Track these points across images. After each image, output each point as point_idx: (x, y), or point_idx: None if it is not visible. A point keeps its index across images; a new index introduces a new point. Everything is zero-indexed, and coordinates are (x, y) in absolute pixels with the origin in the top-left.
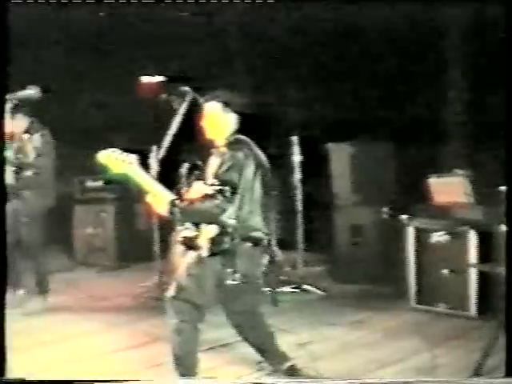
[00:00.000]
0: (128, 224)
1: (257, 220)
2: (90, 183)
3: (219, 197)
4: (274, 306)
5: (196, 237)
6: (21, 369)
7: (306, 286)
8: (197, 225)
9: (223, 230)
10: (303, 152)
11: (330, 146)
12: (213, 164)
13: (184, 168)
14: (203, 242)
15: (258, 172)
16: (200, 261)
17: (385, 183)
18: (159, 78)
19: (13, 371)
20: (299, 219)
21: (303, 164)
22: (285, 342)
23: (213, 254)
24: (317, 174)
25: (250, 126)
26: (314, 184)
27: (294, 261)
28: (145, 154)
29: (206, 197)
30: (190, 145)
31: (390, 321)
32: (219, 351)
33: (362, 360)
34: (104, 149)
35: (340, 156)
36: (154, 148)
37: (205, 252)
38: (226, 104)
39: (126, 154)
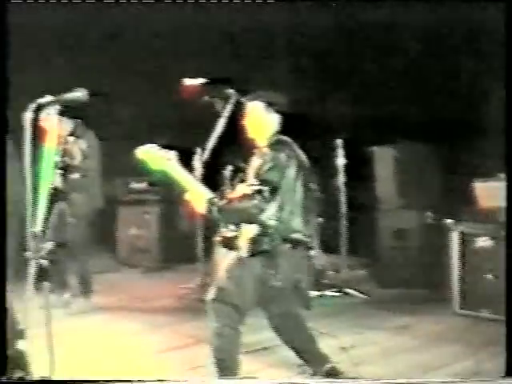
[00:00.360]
0: (171, 225)
1: (297, 222)
2: (134, 185)
3: (258, 197)
4: (306, 309)
5: (236, 237)
6: (66, 369)
7: (348, 290)
8: (237, 225)
9: (263, 231)
10: (347, 155)
11: (375, 149)
12: (254, 164)
13: (227, 170)
14: (243, 243)
15: (300, 174)
16: (240, 261)
17: (429, 187)
18: (201, 80)
19: (58, 371)
20: (343, 223)
21: (347, 167)
22: (326, 345)
23: (252, 254)
24: (360, 178)
25: (293, 127)
26: (357, 187)
27: (337, 264)
28: (189, 156)
29: (245, 196)
30: (234, 147)
31: (434, 325)
32: (260, 354)
33: (404, 365)
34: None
35: (384, 159)
36: (198, 150)
37: (244, 252)
38: (269, 104)
39: (164, 150)
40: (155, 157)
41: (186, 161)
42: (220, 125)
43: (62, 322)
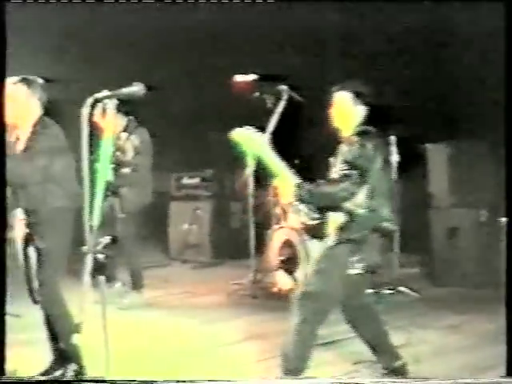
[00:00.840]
0: (223, 221)
1: (386, 210)
2: (186, 180)
3: (346, 181)
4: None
5: (321, 225)
6: (120, 363)
7: (401, 288)
8: (324, 212)
9: (352, 218)
10: (400, 152)
11: (428, 146)
12: (342, 151)
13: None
14: (331, 230)
15: (385, 165)
16: (327, 250)
17: (483, 184)
18: (253, 76)
19: (113, 366)
20: (395, 220)
21: (400, 164)
22: None
23: (340, 242)
24: (414, 175)
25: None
26: (410, 185)
27: (389, 262)
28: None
29: (333, 181)
30: (287, 143)
31: (487, 325)
32: (327, 348)
33: (457, 364)
34: (202, 146)
35: (437, 156)
36: None
37: (332, 240)
38: (357, 95)
39: (259, 133)
40: (250, 139)
41: (239, 157)
42: (273, 121)
43: (115, 317)
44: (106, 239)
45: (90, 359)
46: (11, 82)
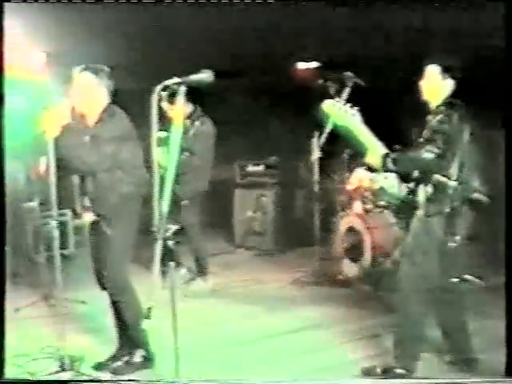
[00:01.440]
0: (288, 209)
1: (477, 181)
2: (251, 168)
3: (430, 144)
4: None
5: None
6: (186, 349)
7: (466, 276)
8: (413, 186)
9: (443, 190)
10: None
11: None
12: (428, 121)
13: (345, 155)
14: (422, 204)
15: (472, 137)
16: (422, 223)
17: None
18: (315, 64)
19: (180, 352)
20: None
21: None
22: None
23: (431, 215)
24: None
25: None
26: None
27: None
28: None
29: (418, 146)
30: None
31: None
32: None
33: None
34: (266, 138)
35: None
36: (316, 134)
37: (422, 214)
38: (445, 69)
39: (349, 105)
40: (340, 111)
41: (304, 144)
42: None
43: (180, 303)
44: (176, 226)
45: (157, 345)
46: (78, 71)
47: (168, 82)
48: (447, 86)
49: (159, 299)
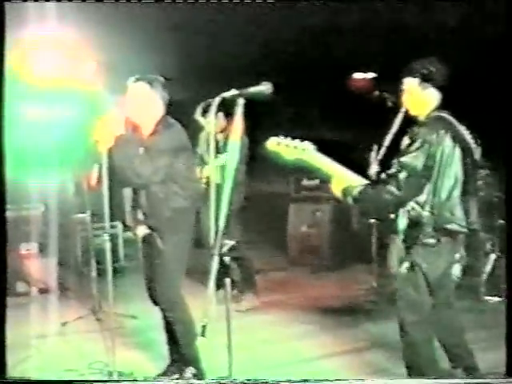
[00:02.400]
0: (344, 224)
1: (455, 209)
2: (305, 182)
3: (392, 182)
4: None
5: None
6: (238, 366)
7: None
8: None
9: (416, 221)
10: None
11: None
12: (403, 143)
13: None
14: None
15: (458, 154)
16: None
17: None
18: (371, 75)
19: (235, 369)
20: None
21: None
22: None
23: (411, 245)
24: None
25: (459, 102)
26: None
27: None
28: (365, 153)
29: (379, 182)
30: None
31: None
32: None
33: None
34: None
35: None
36: (375, 147)
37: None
38: (424, 78)
39: (297, 140)
40: (287, 147)
41: (362, 158)
42: (397, 121)
43: (233, 320)
44: (231, 241)
45: (210, 362)
46: (132, 81)
47: (226, 95)
48: (429, 97)
49: (212, 315)
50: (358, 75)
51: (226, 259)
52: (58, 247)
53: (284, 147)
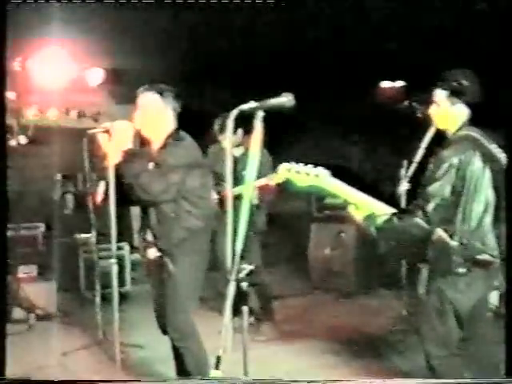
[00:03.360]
0: (370, 246)
1: (486, 237)
2: (329, 200)
3: (419, 214)
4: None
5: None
6: None
7: None
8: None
9: (444, 252)
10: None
11: None
12: (429, 167)
13: None
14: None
15: (489, 176)
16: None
17: None
18: (401, 83)
19: None
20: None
21: None
22: None
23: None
24: None
25: (491, 119)
26: None
27: None
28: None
29: (405, 212)
30: None
31: None
32: None
33: None
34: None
35: None
36: (404, 163)
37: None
38: (454, 92)
39: (310, 166)
40: (299, 174)
41: (389, 174)
42: (428, 135)
43: (249, 350)
44: (250, 266)
45: None
46: (142, 91)
47: (244, 107)
48: (458, 113)
49: (227, 346)
50: (385, 84)
51: (244, 285)
52: (59, 270)
53: (295, 174)
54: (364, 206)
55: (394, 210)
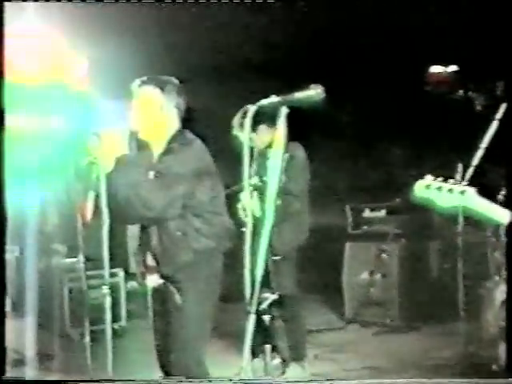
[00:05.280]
0: (419, 269)
1: None
2: (367, 213)
3: None
4: None
5: None
6: None
7: None
8: None
9: None
10: None
11: None
12: None
13: (500, 196)
14: None
15: None
16: None
17: None
18: (453, 68)
19: None
20: None
21: None
22: None
23: None
24: None
25: None
26: None
27: None
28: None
29: None
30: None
31: None
32: None
33: None
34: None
35: None
36: (459, 166)
37: None
38: None
39: (453, 181)
40: (441, 191)
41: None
42: (490, 132)
43: None
44: (273, 296)
45: None
46: (139, 84)
47: (264, 102)
48: None
49: None
50: (435, 69)
51: (266, 318)
52: (38, 303)
53: (436, 192)
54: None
55: None
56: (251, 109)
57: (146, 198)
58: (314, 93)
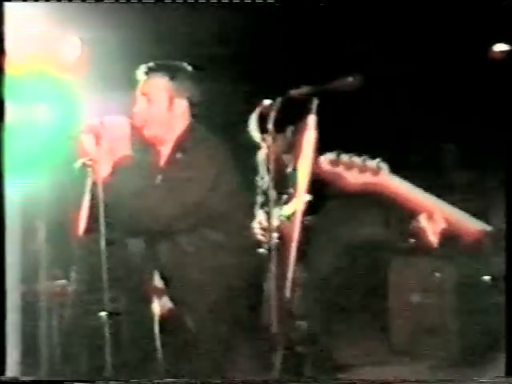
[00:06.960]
0: (479, 290)
1: None
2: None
3: None
4: None
5: None
6: None
7: None
8: None
9: None
10: None
11: None
12: None
13: None
14: None
15: None
16: None
17: None
18: None
19: None
20: None
21: None
22: None
23: None
24: None
25: None
26: None
27: None
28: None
29: None
30: None
31: None
32: None
33: None
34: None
35: None
36: None
37: None
38: None
39: (365, 157)
40: (351, 167)
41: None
42: None
43: None
44: (302, 322)
45: None
46: (144, 71)
47: (293, 93)
48: None
49: None
50: (500, 46)
51: (299, 350)
52: (21, 334)
53: (345, 168)
54: (441, 218)
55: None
56: (279, 100)
57: (152, 208)
58: (351, 82)
